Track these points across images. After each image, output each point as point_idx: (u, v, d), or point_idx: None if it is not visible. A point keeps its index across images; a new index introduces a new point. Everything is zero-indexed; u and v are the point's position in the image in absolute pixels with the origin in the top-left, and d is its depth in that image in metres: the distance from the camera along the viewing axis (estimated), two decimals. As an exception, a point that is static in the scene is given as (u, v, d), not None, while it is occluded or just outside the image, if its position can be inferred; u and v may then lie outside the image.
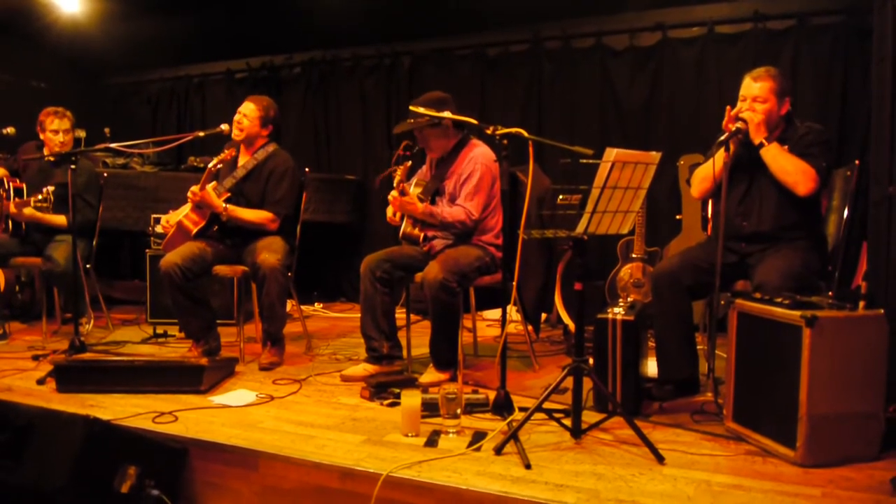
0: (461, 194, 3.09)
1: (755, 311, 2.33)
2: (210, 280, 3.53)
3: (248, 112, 3.53)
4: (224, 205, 3.38)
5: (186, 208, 3.48)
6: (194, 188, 3.37)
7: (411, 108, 3.02)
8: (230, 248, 3.49)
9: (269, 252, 3.31)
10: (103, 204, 4.17)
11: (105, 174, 4.34)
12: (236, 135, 3.51)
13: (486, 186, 3.09)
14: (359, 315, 3.18)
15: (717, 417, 2.54)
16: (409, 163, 3.03)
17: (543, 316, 4.31)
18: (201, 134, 3.50)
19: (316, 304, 5.28)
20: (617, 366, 2.62)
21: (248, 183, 3.50)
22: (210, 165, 3.39)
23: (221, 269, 3.43)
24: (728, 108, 2.73)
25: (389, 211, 3.19)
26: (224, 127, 3.52)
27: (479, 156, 3.11)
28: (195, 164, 4.85)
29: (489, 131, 2.53)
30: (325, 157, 5.67)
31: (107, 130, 5.33)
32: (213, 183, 3.41)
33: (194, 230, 3.42)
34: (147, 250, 4.39)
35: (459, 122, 3.01)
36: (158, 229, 4.26)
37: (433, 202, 3.18)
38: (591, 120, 4.69)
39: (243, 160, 3.55)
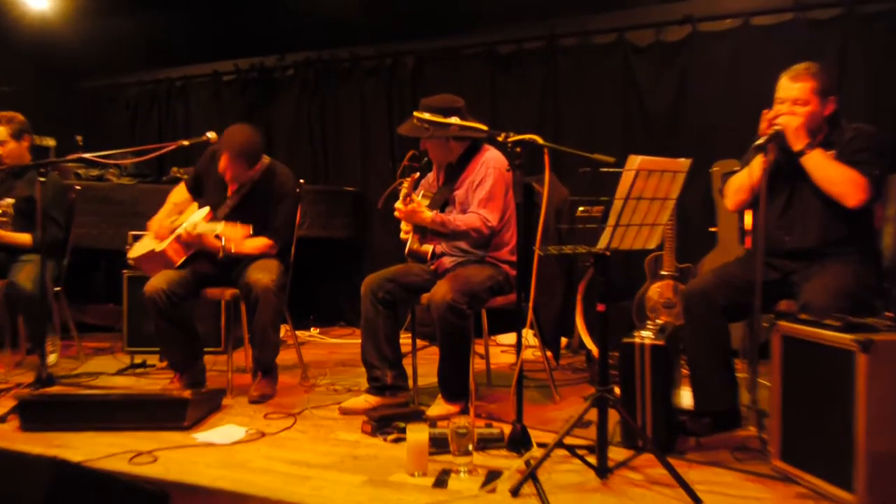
0: (474, 201, 3.09)
1: (801, 334, 2.31)
2: (195, 303, 3.53)
3: (234, 165, 3.36)
4: (222, 246, 3.30)
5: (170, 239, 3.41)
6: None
7: (416, 114, 3.04)
8: (219, 269, 3.48)
9: (262, 272, 3.30)
10: (76, 220, 4.18)
11: (78, 187, 4.35)
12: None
13: (501, 193, 3.11)
14: (359, 341, 3.18)
15: (762, 455, 2.51)
16: (417, 174, 3.04)
17: (564, 341, 4.28)
18: (185, 143, 3.50)
19: (312, 329, 5.28)
20: (646, 396, 2.59)
21: (245, 207, 3.44)
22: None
23: (210, 292, 3.44)
24: (764, 112, 2.72)
25: (404, 227, 3.18)
26: (210, 135, 3.52)
27: (490, 160, 3.14)
28: (178, 175, 4.87)
29: (501, 138, 2.54)
30: (321, 166, 5.71)
31: (79, 139, 5.36)
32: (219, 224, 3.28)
33: (178, 261, 3.40)
34: (124, 271, 4.36)
35: (466, 130, 3.02)
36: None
37: (442, 213, 3.18)
38: (613, 124, 4.70)
39: (233, 184, 3.48)
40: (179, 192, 3.67)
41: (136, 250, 3.51)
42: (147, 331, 4.16)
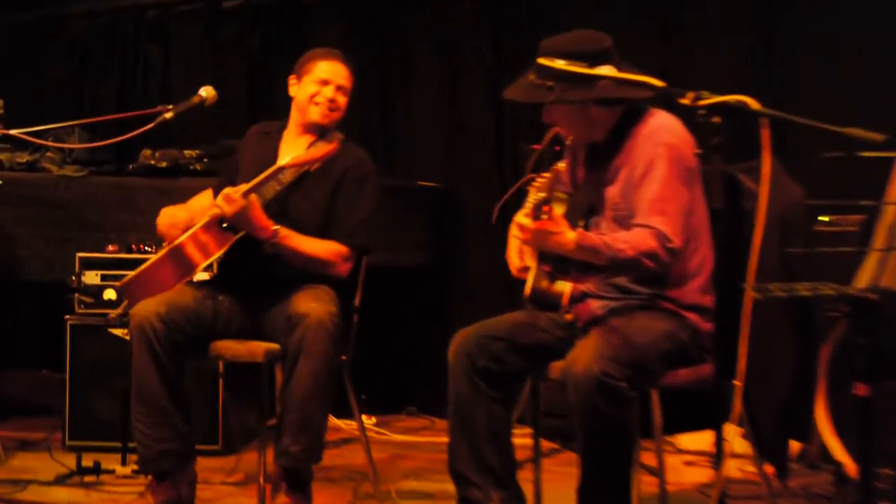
0: (640, 203, 3.04)
1: None
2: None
3: (346, 80, 3.77)
4: (274, 226, 3.48)
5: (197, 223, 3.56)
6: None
7: (541, 61, 3.08)
8: (245, 305, 3.63)
9: (315, 300, 3.42)
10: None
11: (-1, 181, 4.61)
12: (323, 119, 3.71)
13: (681, 189, 3.07)
14: (444, 439, 3.22)
15: None
16: (563, 165, 3.06)
17: (795, 447, 4.22)
18: (168, 113, 3.61)
19: (364, 416, 5.36)
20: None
21: (299, 194, 3.66)
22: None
23: (228, 347, 3.55)
24: None
25: (513, 251, 3.23)
26: (205, 92, 3.69)
27: (660, 131, 3.09)
28: (153, 162, 5.03)
29: (686, 101, 2.55)
30: (380, 149, 5.79)
31: (-2, 104, 5.60)
32: (252, 195, 3.51)
33: (202, 264, 3.51)
34: (67, 317, 4.56)
35: (623, 88, 3.05)
36: (88, 278, 4.39)
37: (586, 228, 3.20)
38: (881, 77, 4.65)
39: (288, 152, 3.70)
40: (203, 201, 3.84)
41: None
42: (102, 413, 4.35)
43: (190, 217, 3.63)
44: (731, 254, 2.64)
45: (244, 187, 3.46)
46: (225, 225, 3.49)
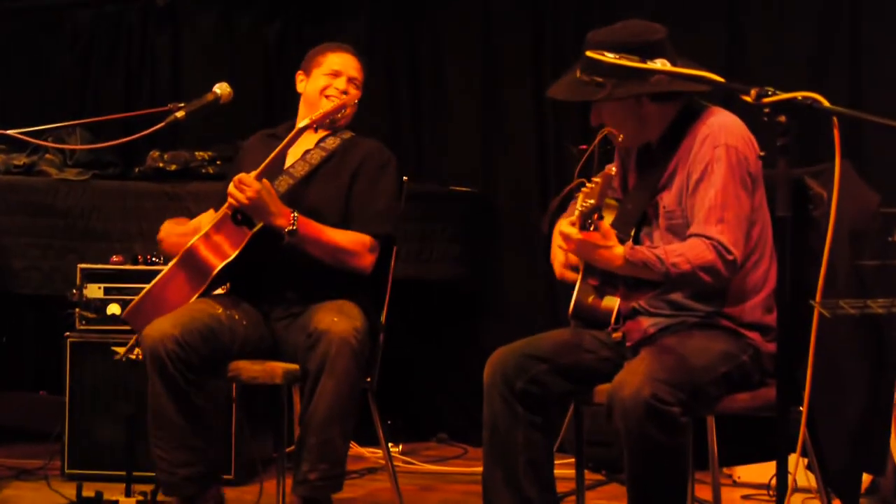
0: (697, 210, 3.03)
1: None
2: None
3: (357, 72, 3.90)
4: (293, 213, 3.54)
5: (206, 222, 3.64)
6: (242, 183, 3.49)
7: (589, 54, 3.08)
8: (263, 321, 3.67)
9: (339, 314, 3.44)
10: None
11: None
12: (344, 104, 3.73)
13: (741, 195, 3.05)
14: (479, 469, 3.21)
15: None
16: (614, 169, 3.06)
17: (866, 479, 4.19)
18: (180, 112, 3.62)
19: (391, 444, 5.35)
20: None
21: (314, 186, 3.74)
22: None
23: (246, 368, 3.56)
24: None
25: (559, 258, 3.23)
26: (220, 89, 3.72)
27: (718, 131, 3.07)
28: (161, 165, 5.06)
29: (749, 98, 2.54)
30: (410, 150, 5.82)
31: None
32: (265, 180, 3.55)
33: (219, 265, 3.54)
34: (67, 334, 4.57)
35: (678, 83, 3.04)
36: (90, 292, 4.42)
37: (637, 238, 3.20)
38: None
39: (296, 151, 3.77)
40: (206, 220, 3.86)
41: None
42: (105, 439, 4.35)
43: (193, 232, 3.66)
44: (798, 267, 2.61)
45: (255, 172, 3.50)
46: (239, 218, 3.54)
